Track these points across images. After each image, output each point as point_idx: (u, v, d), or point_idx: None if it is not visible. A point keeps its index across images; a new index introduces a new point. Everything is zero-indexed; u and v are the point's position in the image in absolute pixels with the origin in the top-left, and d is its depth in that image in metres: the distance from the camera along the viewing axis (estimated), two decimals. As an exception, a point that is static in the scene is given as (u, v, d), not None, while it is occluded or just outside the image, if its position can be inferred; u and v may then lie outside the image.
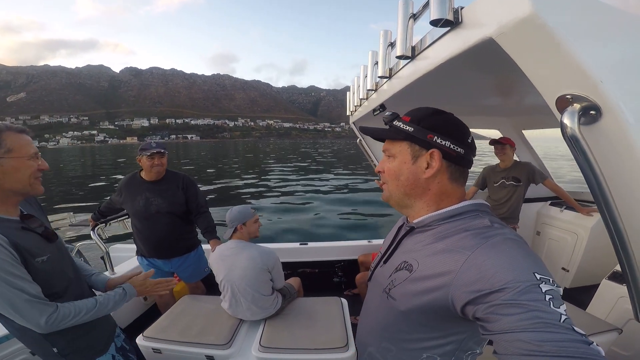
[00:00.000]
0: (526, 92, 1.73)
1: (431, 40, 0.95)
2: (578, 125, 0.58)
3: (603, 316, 2.16)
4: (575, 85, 0.60)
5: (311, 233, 8.56)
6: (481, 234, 0.70)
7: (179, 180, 2.64)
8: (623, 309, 2.09)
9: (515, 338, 0.51)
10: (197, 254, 2.81)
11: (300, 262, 3.51)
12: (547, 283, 0.57)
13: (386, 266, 0.91)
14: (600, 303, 2.26)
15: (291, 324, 2.15)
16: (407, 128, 0.82)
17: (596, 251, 3.04)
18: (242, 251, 2.14)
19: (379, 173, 0.91)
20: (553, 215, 3.50)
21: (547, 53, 0.60)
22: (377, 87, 1.72)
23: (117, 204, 2.69)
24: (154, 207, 2.49)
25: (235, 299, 2.14)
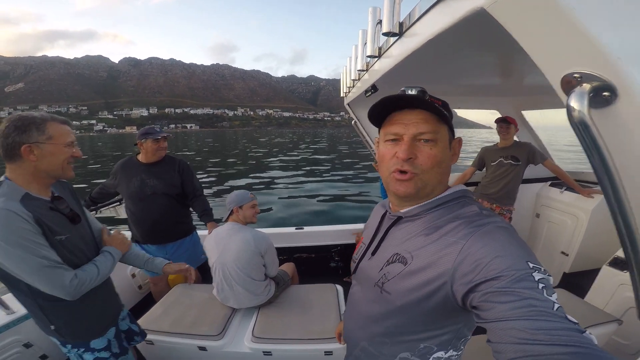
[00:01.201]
0: (526, 71, 1.64)
1: (419, 15, 0.87)
2: (588, 109, 0.51)
3: (602, 304, 2.11)
4: (585, 63, 0.52)
5: (308, 219, 8.49)
6: (473, 222, 0.69)
7: (175, 163, 2.65)
8: (623, 296, 2.04)
9: (510, 326, 0.51)
10: (193, 239, 2.80)
11: (295, 247, 3.47)
12: (539, 271, 0.57)
13: (375, 258, 0.87)
14: (600, 290, 2.21)
15: (285, 313, 2.13)
16: (444, 111, 0.74)
17: (597, 235, 2.92)
18: (237, 233, 2.11)
19: (406, 160, 0.74)
20: (553, 196, 3.40)
21: (550, 24, 0.53)
22: (367, 67, 1.64)
23: (111, 187, 2.66)
24: (149, 189, 2.49)
25: (227, 283, 2.11)
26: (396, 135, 0.76)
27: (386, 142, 0.79)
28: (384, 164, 0.80)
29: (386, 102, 0.75)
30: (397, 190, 0.77)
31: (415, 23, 0.91)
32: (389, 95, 0.74)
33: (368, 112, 0.79)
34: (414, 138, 0.74)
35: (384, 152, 0.80)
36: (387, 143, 0.79)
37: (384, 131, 0.80)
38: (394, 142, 0.77)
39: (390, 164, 0.77)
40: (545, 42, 0.57)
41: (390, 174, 0.78)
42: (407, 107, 0.76)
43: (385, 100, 0.75)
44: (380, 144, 0.82)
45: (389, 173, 0.78)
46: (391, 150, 0.77)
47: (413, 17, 0.91)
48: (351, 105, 2.94)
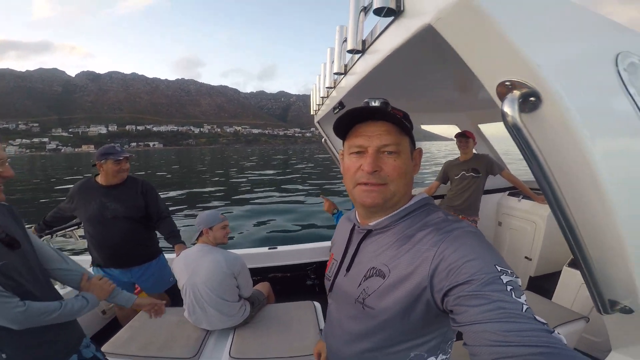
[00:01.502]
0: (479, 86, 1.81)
1: (379, 32, 0.93)
2: (519, 113, 0.56)
3: (569, 303, 2.21)
4: (513, 71, 0.58)
5: (281, 237, 8.42)
6: (442, 229, 0.72)
7: (138, 184, 2.53)
8: (586, 295, 2.13)
9: (482, 329, 0.53)
10: (160, 262, 2.67)
11: (270, 267, 3.42)
12: (507, 274, 0.59)
13: (350, 275, 0.86)
14: (565, 290, 2.32)
15: (262, 332, 2.08)
16: (406, 123, 0.77)
17: (554, 238, 3.10)
18: (207, 255, 2.05)
19: (372, 173, 0.75)
20: (512, 205, 3.62)
21: (483, 37, 0.59)
22: (335, 85, 1.71)
23: (67, 211, 2.51)
24: (110, 212, 2.35)
25: (199, 305, 2.04)
26: (360, 148, 0.77)
27: (351, 154, 0.80)
28: (349, 176, 0.81)
29: (351, 113, 0.76)
30: (364, 202, 0.78)
31: (375, 40, 0.97)
32: (353, 107, 0.76)
33: (333, 125, 0.81)
34: (378, 150, 0.75)
35: (349, 165, 0.81)
36: (352, 156, 0.80)
37: (348, 143, 0.81)
38: (358, 154, 0.78)
39: (356, 176, 0.78)
40: (481, 54, 0.62)
41: (356, 186, 0.79)
42: (370, 119, 0.78)
43: (349, 112, 0.76)
44: (345, 157, 0.83)
45: (355, 185, 0.79)
46: (356, 163, 0.78)
47: (374, 35, 0.97)
48: (321, 123, 2.99)
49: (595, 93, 0.67)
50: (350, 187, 0.81)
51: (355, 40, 1.06)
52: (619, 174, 0.65)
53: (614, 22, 0.83)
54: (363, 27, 1.06)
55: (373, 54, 1.02)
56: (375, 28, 0.97)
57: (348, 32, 1.09)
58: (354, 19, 1.04)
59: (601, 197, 0.62)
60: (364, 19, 1.04)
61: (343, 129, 0.82)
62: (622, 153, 0.69)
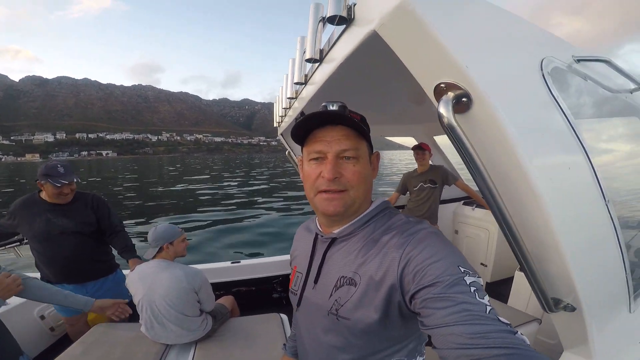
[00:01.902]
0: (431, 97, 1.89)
1: (334, 40, 0.96)
2: (453, 114, 0.58)
3: (523, 306, 2.30)
4: (447, 73, 0.61)
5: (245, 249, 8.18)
6: (406, 231, 0.72)
7: (88, 199, 2.44)
8: None
9: (449, 332, 0.54)
10: (117, 277, 2.56)
11: (234, 282, 3.32)
12: (470, 275, 0.60)
13: (319, 286, 0.83)
14: (518, 294, 2.42)
15: (226, 345, 2.01)
16: (364, 126, 0.77)
17: (506, 245, 3.26)
18: (165, 270, 1.97)
19: (332, 180, 0.74)
20: (466, 213, 3.82)
21: (420, 41, 0.62)
22: (296, 95, 1.72)
23: (8, 228, 2.33)
24: (57, 228, 2.24)
25: (157, 320, 1.95)
26: (319, 154, 0.76)
27: (310, 161, 0.79)
28: (309, 184, 0.79)
29: (309, 118, 0.75)
30: (326, 210, 0.77)
31: (331, 49, 1.00)
32: (311, 112, 0.75)
33: (291, 131, 0.79)
34: (337, 156, 0.75)
35: (309, 172, 0.79)
36: (312, 162, 0.78)
37: (307, 149, 0.80)
38: (317, 160, 0.77)
39: (317, 184, 0.77)
40: (419, 58, 0.66)
41: (317, 194, 0.78)
42: (328, 124, 0.77)
43: (308, 117, 0.75)
44: (305, 163, 0.82)
45: (316, 193, 0.78)
46: (316, 170, 0.77)
47: (330, 43, 1.00)
48: (284, 135, 2.97)
49: (521, 94, 0.73)
50: (312, 196, 0.80)
51: (313, 50, 1.08)
52: (548, 171, 0.70)
53: (542, 29, 0.91)
54: (321, 37, 1.08)
55: (329, 63, 1.04)
56: (331, 37, 1.00)
57: (307, 42, 1.11)
58: (313, 28, 1.05)
59: (533, 193, 0.66)
60: (323, 29, 1.06)
61: (301, 134, 0.80)
62: (548, 151, 0.74)
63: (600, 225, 0.86)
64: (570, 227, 0.73)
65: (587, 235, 0.82)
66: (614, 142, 1.35)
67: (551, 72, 0.81)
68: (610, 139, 1.31)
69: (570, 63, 0.94)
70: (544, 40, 0.90)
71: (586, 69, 1.01)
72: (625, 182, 1.34)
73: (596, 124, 1.15)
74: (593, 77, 1.04)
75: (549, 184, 0.68)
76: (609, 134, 1.31)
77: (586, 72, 1.01)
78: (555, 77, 0.81)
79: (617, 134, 1.40)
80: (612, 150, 1.29)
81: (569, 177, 0.78)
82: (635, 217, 1.30)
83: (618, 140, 1.41)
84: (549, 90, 0.77)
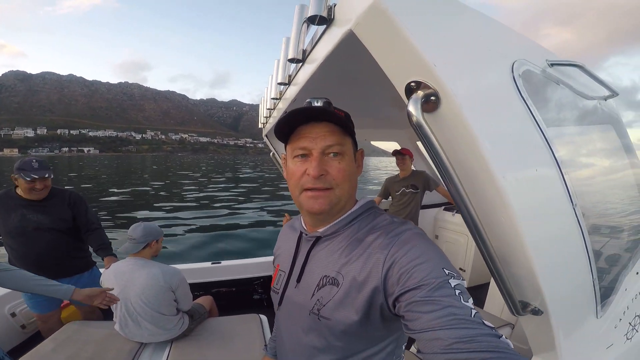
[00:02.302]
0: None
1: (315, 41, 0.98)
2: (421, 113, 0.59)
3: (498, 312, 2.33)
4: (416, 72, 0.63)
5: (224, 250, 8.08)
6: (391, 231, 0.72)
7: (65, 196, 2.43)
8: None
9: (435, 336, 0.54)
10: (93, 274, 2.55)
11: (214, 282, 3.28)
12: (454, 277, 0.61)
13: (302, 285, 0.82)
14: (494, 299, 2.46)
15: (202, 345, 2.00)
16: (349, 123, 0.76)
17: None
18: (142, 269, 1.96)
19: (318, 177, 0.73)
20: (447, 219, 3.87)
21: (391, 39, 0.63)
22: (280, 96, 1.74)
23: None
24: (32, 224, 2.23)
25: (132, 318, 1.93)
26: (304, 150, 0.75)
27: (295, 158, 0.77)
28: (293, 182, 0.78)
29: (294, 114, 0.73)
30: (311, 208, 0.76)
31: (313, 49, 1.01)
32: (296, 108, 0.73)
33: (275, 128, 0.78)
34: (322, 152, 0.74)
35: (293, 170, 0.77)
36: (296, 160, 0.77)
37: (292, 147, 0.78)
38: (302, 157, 0.76)
39: (302, 182, 0.76)
40: (391, 56, 0.67)
41: (302, 192, 0.77)
42: (313, 120, 0.75)
43: (292, 113, 0.73)
44: (289, 161, 0.80)
45: (301, 191, 0.77)
46: (301, 168, 0.76)
47: (313, 43, 1.02)
48: (269, 137, 2.96)
49: (489, 95, 0.73)
50: (297, 194, 0.78)
51: (296, 50, 1.09)
52: (515, 172, 0.70)
53: (516, 33, 0.93)
54: (304, 38, 1.09)
55: (311, 63, 1.05)
56: (314, 37, 1.01)
57: (290, 42, 1.12)
58: (297, 29, 1.06)
59: (499, 194, 0.67)
60: (307, 30, 1.06)
61: (285, 132, 0.78)
62: (516, 152, 0.75)
63: (567, 230, 0.86)
64: (537, 231, 0.74)
65: (554, 239, 0.83)
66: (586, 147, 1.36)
67: (522, 74, 0.81)
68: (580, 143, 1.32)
69: (544, 67, 0.95)
70: (517, 43, 0.92)
71: (560, 74, 1.02)
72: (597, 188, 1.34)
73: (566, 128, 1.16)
74: (567, 82, 1.05)
75: (516, 186, 0.69)
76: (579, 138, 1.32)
77: (560, 77, 1.02)
78: (526, 80, 0.82)
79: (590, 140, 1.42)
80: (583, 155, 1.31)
81: (536, 179, 0.79)
82: (606, 224, 1.31)
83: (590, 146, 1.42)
84: (518, 92, 0.78)
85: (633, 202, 1.65)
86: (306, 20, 1.00)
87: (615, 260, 1.27)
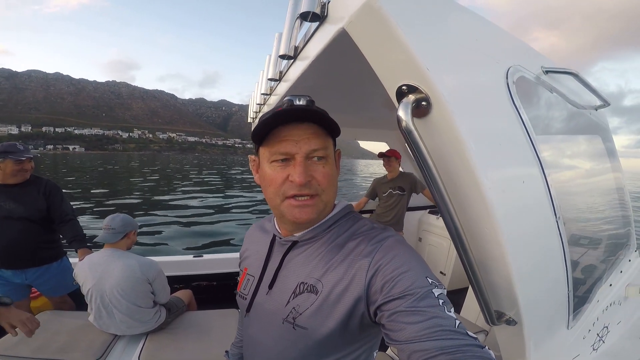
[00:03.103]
0: None
1: (308, 38, 0.96)
2: (411, 118, 0.57)
3: (474, 318, 2.32)
4: (408, 75, 0.61)
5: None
6: (373, 238, 0.70)
7: (41, 185, 2.39)
8: None
9: (421, 348, 0.53)
10: (62, 264, 2.50)
11: (194, 275, 3.25)
12: (437, 287, 0.60)
13: (274, 292, 0.77)
14: (471, 305, 2.43)
15: (178, 338, 1.98)
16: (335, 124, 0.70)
17: None
18: (118, 260, 1.94)
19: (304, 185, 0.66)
20: (431, 222, 3.89)
21: (384, 40, 0.61)
22: (271, 91, 1.72)
23: None
24: (3, 212, 2.19)
25: (106, 310, 1.91)
26: (286, 155, 0.67)
27: (273, 162, 0.69)
28: (273, 189, 0.70)
29: (278, 116, 0.66)
30: (297, 218, 0.69)
31: (305, 46, 1.00)
32: (281, 109, 0.66)
33: (255, 129, 0.69)
34: (307, 157, 0.67)
35: (272, 176, 0.69)
36: (275, 164, 0.69)
37: (270, 150, 0.69)
38: (283, 162, 0.68)
39: (284, 189, 0.69)
40: (383, 58, 0.65)
41: (284, 200, 0.70)
42: (294, 120, 0.67)
43: (276, 114, 0.66)
44: (264, 165, 0.72)
45: (283, 199, 0.70)
46: (281, 174, 0.68)
47: (305, 40, 1.00)
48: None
49: (482, 102, 0.72)
50: (277, 202, 0.71)
51: (288, 46, 1.08)
52: (501, 183, 0.69)
53: (513, 37, 0.91)
54: (297, 34, 1.07)
55: (303, 60, 1.04)
56: (307, 34, 0.99)
57: (282, 38, 1.11)
58: (289, 25, 1.04)
59: (484, 204, 0.66)
60: (300, 26, 1.04)
61: (263, 132, 0.69)
62: (504, 162, 0.74)
63: (548, 242, 0.86)
64: (519, 242, 0.73)
65: (534, 250, 0.82)
66: (573, 158, 1.34)
67: (516, 81, 0.79)
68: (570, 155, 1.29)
69: (538, 74, 0.93)
70: (513, 48, 0.90)
71: (554, 82, 1.01)
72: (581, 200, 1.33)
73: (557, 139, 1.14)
74: (560, 90, 1.04)
75: (501, 196, 0.67)
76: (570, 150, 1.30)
77: (553, 85, 1.01)
78: (520, 87, 0.80)
79: (578, 151, 1.39)
80: (570, 166, 1.29)
81: (522, 191, 0.77)
82: (585, 234, 1.31)
83: (578, 157, 1.39)
84: (511, 100, 0.76)
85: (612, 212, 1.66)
86: (299, 17, 0.96)
87: (590, 272, 1.28)
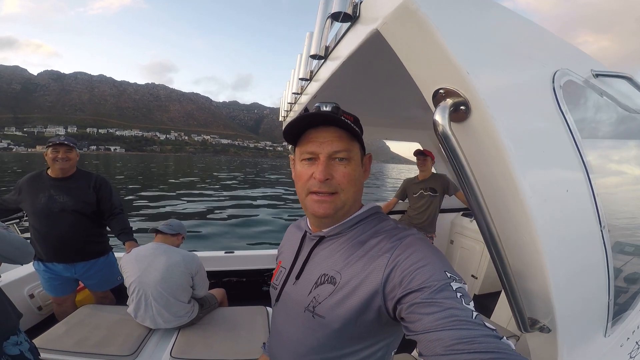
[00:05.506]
0: None
1: (339, 38, 0.95)
2: (449, 122, 0.55)
3: (505, 322, 2.27)
4: (447, 78, 0.59)
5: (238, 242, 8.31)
6: (394, 236, 0.73)
7: (91, 179, 2.48)
8: None
9: (436, 337, 0.54)
10: (108, 260, 2.59)
11: (225, 271, 3.35)
12: (456, 281, 0.62)
13: (300, 282, 0.84)
14: (503, 309, 2.38)
15: (209, 334, 2.04)
16: (356, 128, 0.77)
17: None
18: (163, 254, 2.04)
19: (324, 181, 0.75)
20: (464, 225, 3.77)
21: (421, 42, 0.59)
22: (301, 91, 1.73)
23: (11, 203, 2.39)
24: (58, 205, 2.28)
25: (146, 302, 1.99)
26: (312, 154, 0.77)
27: (302, 161, 0.79)
28: (301, 184, 0.80)
29: (302, 119, 0.75)
30: (316, 212, 0.78)
31: (336, 46, 0.99)
32: (305, 113, 0.75)
33: (284, 130, 0.79)
34: (329, 157, 0.75)
35: (301, 173, 0.80)
36: (304, 162, 0.79)
37: (300, 150, 0.80)
38: (310, 161, 0.78)
39: (308, 185, 0.78)
40: (419, 60, 0.63)
41: (308, 195, 0.79)
42: (322, 124, 0.77)
43: (300, 118, 0.75)
44: (297, 163, 0.82)
45: (307, 194, 0.79)
46: (308, 171, 0.78)
47: (336, 40, 0.99)
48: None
49: (525, 107, 0.68)
50: (303, 196, 0.80)
51: (318, 46, 1.08)
52: (543, 192, 0.66)
53: (560, 39, 0.86)
54: (327, 34, 1.07)
55: (334, 61, 1.03)
56: (338, 34, 0.98)
57: (313, 38, 1.11)
58: (320, 25, 1.04)
59: (524, 213, 0.63)
60: (331, 26, 1.04)
61: (295, 133, 0.80)
62: (547, 170, 0.70)
63: (591, 251, 0.82)
64: (559, 251, 0.70)
65: (575, 259, 0.78)
66: (623, 164, 1.27)
67: (563, 85, 0.76)
68: (619, 161, 1.23)
69: (587, 77, 0.89)
70: (561, 51, 0.86)
71: (604, 85, 0.96)
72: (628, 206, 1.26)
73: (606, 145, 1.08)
74: (610, 94, 0.98)
75: (543, 206, 0.65)
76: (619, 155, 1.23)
77: (603, 89, 0.95)
78: (567, 92, 0.76)
79: (627, 157, 1.31)
80: (619, 173, 1.22)
81: (565, 200, 0.74)
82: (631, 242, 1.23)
83: (627, 163, 1.32)
84: (557, 105, 0.72)
85: None
86: (330, 17, 0.96)
87: (634, 280, 1.20)
